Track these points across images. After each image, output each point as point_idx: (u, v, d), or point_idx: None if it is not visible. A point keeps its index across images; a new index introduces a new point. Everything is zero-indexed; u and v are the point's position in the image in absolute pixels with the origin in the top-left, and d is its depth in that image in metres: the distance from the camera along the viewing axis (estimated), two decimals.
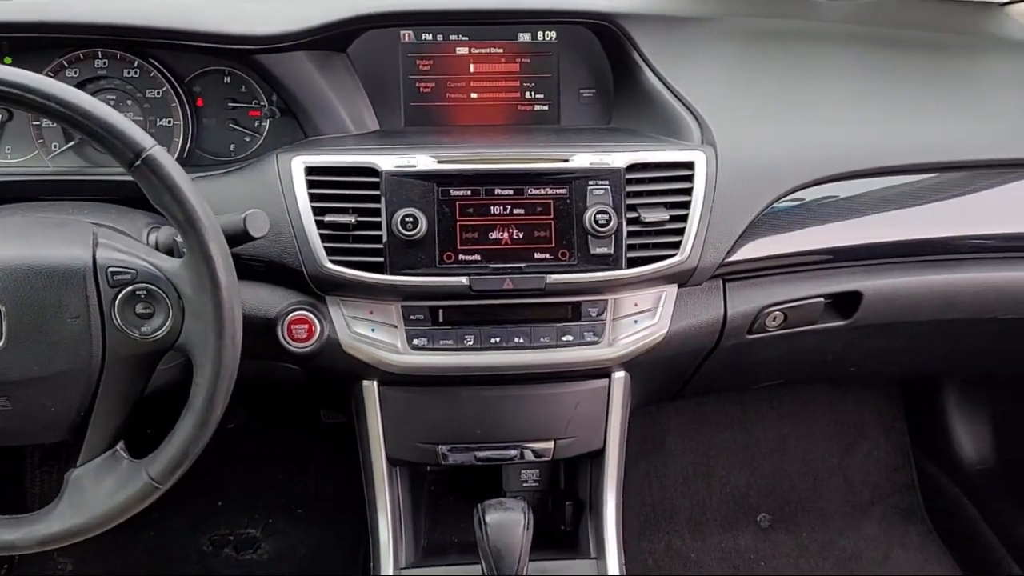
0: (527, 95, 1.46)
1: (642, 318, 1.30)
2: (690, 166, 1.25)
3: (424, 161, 1.21)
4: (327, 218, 1.19)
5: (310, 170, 1.21)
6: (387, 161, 1.20)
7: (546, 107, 1.47)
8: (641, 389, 1.43)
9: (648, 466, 2.18)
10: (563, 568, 1.42)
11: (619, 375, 1.35)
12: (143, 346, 1.03)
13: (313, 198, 1.20)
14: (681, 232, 1.24)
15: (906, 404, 2.26)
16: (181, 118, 1.38)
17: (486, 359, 1.27)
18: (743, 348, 1.42)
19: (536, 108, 1.47)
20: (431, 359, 1.27)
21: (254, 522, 2.08)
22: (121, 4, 1.32)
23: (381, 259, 1.20)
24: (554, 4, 1.40)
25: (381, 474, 1.38)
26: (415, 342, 1.26)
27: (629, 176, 1.23)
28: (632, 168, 1.23)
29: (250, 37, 1.31)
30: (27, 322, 1.00)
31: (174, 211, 0.98)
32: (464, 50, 1.44)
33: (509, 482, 1.58)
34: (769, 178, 1.30)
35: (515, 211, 1.22)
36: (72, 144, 1.34)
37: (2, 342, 1.00)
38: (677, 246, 1.24)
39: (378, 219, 1.20)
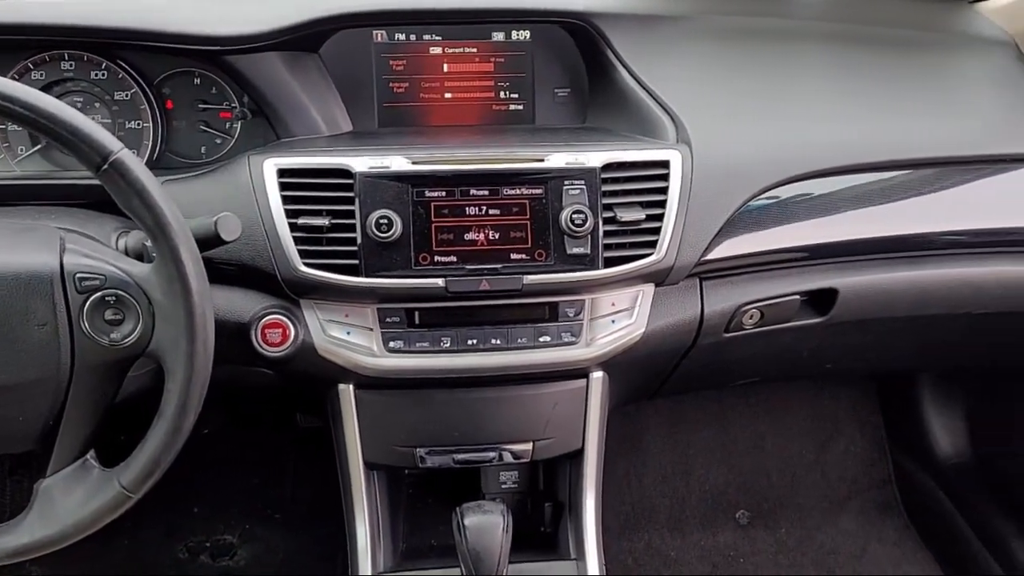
0: (502, 95, 1.46)
1: (619, 318, 1.29)
2: (665, 165, 1.25)
3: (398, 162, 1.20)
4: (300, 220, 1.18)
5: (282, 172, 1.19)
6: (361, 162, 1.19)
7: (521, 107, 1.46)
8: (619, 389, 1.43)
9: (627, 465, 2.19)
10: (543, 569, 1.41)
11: (597, 375, 1.35)
12: (113, 353, 1.01)
13: (286, 200, 1.18)
14: (657, 231, 1.24)
15: (882, 400, 2.28)
16: (150, 120, 1.36)
17: (463, 361, 1.26)
18: (720, 346, 1.43)
19: (511, 108, 1.46)
20: (408, 361, 1.26)
21: (230, 528, 2.06)
22: (87, 5, 1.29)
23: (356, 261, 1.19)
24: (528, 3, 1.39)
25: (358, 478, 1.37)
26: (391, 345, 1.25)
27: (605, 175, 1.23)
28: (608, 167, 1.23)
29: (220, 38, 1.29)
30: None
31: (143, 215, 0.96)
32: (438, 50, 1.43)
33: (488, 484, 1.57)
34: (744, 176, 1.30)
35: (491, 212, 1.21)
36: (38, 148, 1.32)
37: None
38: (653, 245, 1.24)
39: (352, 221, 1.18)
